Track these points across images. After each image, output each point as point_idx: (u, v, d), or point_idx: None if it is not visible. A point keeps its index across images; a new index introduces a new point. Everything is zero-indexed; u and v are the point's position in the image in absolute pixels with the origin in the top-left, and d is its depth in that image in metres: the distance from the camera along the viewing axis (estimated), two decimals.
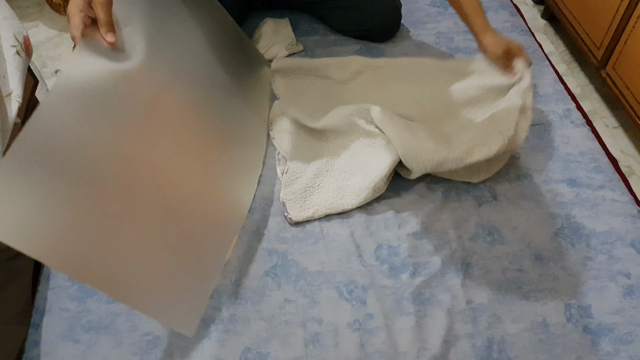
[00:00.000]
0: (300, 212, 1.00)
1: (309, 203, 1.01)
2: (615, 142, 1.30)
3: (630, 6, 1.17)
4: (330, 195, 1.02)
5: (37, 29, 1.70)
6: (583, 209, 1.01)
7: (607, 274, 0.92)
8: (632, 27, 1.17)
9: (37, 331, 0.88)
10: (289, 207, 1.01)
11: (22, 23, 1.02)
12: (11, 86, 0.91)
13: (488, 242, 0.97)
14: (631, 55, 1.19)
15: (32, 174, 0.64)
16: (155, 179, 0.81)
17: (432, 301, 0.90)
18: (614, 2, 1.22)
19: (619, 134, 1.32)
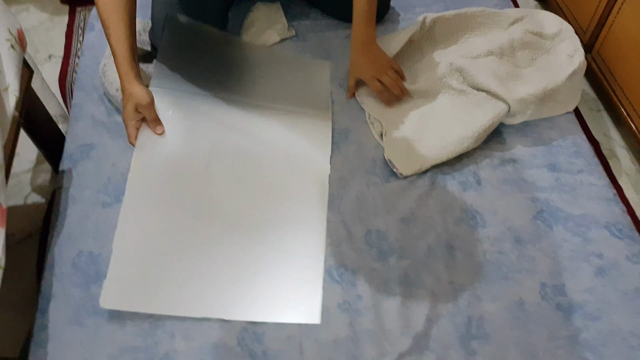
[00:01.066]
0: (409, 167, 1.07)
1: (415, 156, 1.08)
2: (598, 125, 1.34)
3: None
4: (434, 146, 1.08)
5: (27, 13, 1.71)
6: (562, 193, 1.06)
7: (581, 255, 0.98)
8: (616, 14, 1.20)
9: (44, 316, 0.93)
10: (396, 164, 1.07)
11: (12, 7, 1.04)
12: (7, 80, 0.94)
13: (471, 226, 1.02)
14: (615, 41, 1.22)
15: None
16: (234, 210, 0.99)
17: (417, 283, 0.95)
18: None
19: (602, 117, 1.36)
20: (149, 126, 1.01)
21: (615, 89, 1.24)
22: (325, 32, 1.35)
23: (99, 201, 1.07)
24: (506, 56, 1.17)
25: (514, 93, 1.09)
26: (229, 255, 0.95)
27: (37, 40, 1.63)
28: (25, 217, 1.26)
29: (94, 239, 1.02)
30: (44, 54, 1.61)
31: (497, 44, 1.18)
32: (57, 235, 1.03)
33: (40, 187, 1.32)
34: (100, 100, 1.22)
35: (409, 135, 1.10)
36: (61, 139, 1.28)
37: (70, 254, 1.00)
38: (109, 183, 1.09)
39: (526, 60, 1.18)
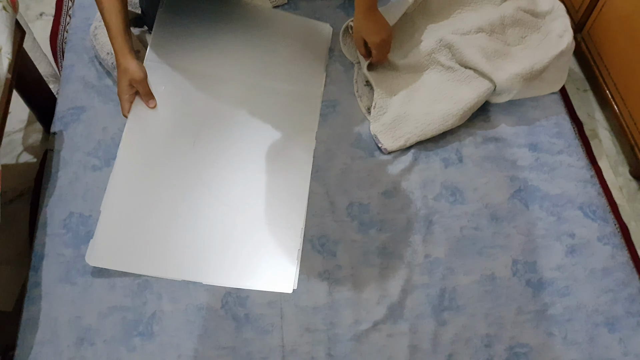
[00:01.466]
0: (393, 142, 1.09)
1: (400, 132, 1.09)
2: (583, 105, 1.36)
3: None
4: (418, 122, 1.09)
5: None
6: (540, 173, 1.09)
7: (554, 234, 1.02)
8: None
9: (37, 274, 0.97)
10: (381, 139, 1.09)
11: None
12: (0, 43, 0.94)
13: (450, 202, 1.06)
14: (605, 22, 1.22)
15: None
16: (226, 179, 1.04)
17: (395, 255, 0.99)
18: None
19: (587, 98, 1.38)
20: (142, 100, 1.05)
21: (602, 70, 1.25)
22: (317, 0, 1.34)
23: (89, 164, 1.09)
24: (496, 33, 1.18)
25: (501, 72, 1.10)
26: (211, 222, 1.00)
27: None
28: (18, 176, 1.29)
29: (84, 200, 1.05)
30: (35, 11, 1.59)
31: (488, 20, 1.18)
32: (49, 196, 1.06)
33: (31, 147, 1.34)
34: (91, 63, 1.23)
35: (395, 110, 1.12)
36: (52, 99, 1.29)
37: (61, 214, 1.03)
38: (99, 146, 1.11)
39: (516, 38, 1.19)
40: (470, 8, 1.23)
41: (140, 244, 0.97)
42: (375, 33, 1.11)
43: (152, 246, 0.97)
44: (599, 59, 1.25)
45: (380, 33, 1.10)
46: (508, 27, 1.19)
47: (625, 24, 1.17)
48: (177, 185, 1.01)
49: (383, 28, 1.11)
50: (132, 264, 0.95)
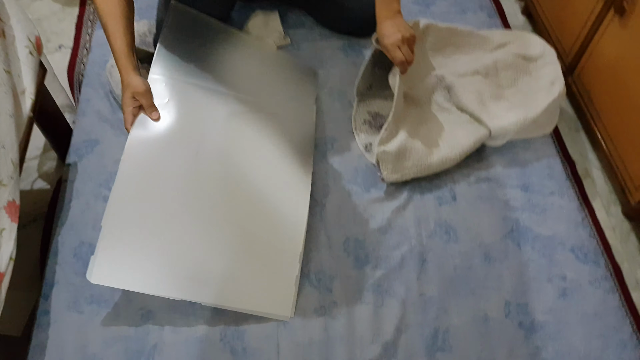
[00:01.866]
0: (391, 174, 1.12)
1: (399, 165, 1.12)
2: (576, 145, 1.40)
3: (596, 22, 1.24)
4: (419, 161, 1.12)
5: (41, 2, 1.76)
6: (532, 214, 1.12)
7: (545, 276, 1.05)
8: (597, 42, 1.24)
9: (46, 301, 1.02)
10: (382, 167, 1.12)
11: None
12: (25, 84, 1.01)
13: (444, 240, 1.09)
14: (594, 68, 1.27)
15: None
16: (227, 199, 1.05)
17: (389, 292, 1.03)
18: (583, 15, 1.29)
19: (579, 137, 1.41)
20: (146, 112, 1.05)
21: (592, 112, 1.29)
22: (319, 41, 1.40)
23: (100, 195, 1.15)
24: (490, 76, 1.23)
25: (496, 120, 1.15)
26: (212, 241, 1.00)
27: (49, 30, 1.69)
28: (32, 202, 1.34)
29: (94, 230, 1.10)
30: (55, 43, 1.66)
31: (483, 63, 1.23)
32: (61, 225, 1.11)
33: (46, 174, 1.40)
34: (106, 97, 1.29)
35: (402, 139, 1.12)
36: (67, 129, 1.36)
37: (72, 243, 1.08)
38: (110, 178, 1.17)
39: (509, 80, 1.23)
40: (464, 51, 1.28)
41: (142, 262, 0.94)
42: (389, 35, 1.09)
43: (153, 264, 0.95)
44: (589, 101, 1.30)
45: (395, 34, 1.08)
46: (501, 70, 1.24)
47: (612, 70, 1.22)
48: (179, 200, 1.01)
49: (398, 29, 1.09)
50: (134, 282, 0.93)
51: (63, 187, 1.17)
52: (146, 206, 0.98)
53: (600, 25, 1.22)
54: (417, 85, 1.23)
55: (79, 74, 1.60)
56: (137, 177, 1.00)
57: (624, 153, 1.22)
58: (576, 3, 1.31)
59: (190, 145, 1.06)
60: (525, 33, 1.28)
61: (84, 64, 1.63)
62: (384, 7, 1.12)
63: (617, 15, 1.16)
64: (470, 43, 1.27)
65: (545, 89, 1.17)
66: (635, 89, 1.15)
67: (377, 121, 1.25)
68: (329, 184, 1.16)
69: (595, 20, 1.24)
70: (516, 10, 1.71)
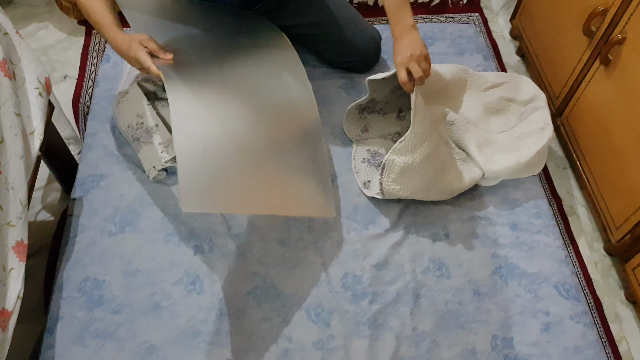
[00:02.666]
0: (392, 184, 1.13)
1: (402, 178, 1.12)
2: (563, 182, 1.47)
3: (583, 70, 1.32)
4: (420, 184, 1.14)
5: (46, 30, 1.80)
6: (520, 251, 1.18)
7: (530, 311, 1.10)
8: (584, 89, 1.32)
9: (51, 336, 1.05)
10: (385, 173, 1.13)
11: (32, 24, 1.13)
12: (34, 125, 1.05)
13: (437, 276, 1.15)
14: (581, 113, 1.34)
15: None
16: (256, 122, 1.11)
17: (385, 327, 1.08)
18: (572, 62, 1.37)
19: (567, 175, 1.48)
20: (158, 55, 1.08)
21: (578, 154, 1.36)
22: (321, 79, 1.46)
23: (105, 230, 1.19)
24: (481, 123, 1.30)
25: (490, 164, 1.20)
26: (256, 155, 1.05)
27: (54, 59, 1.73)
28: (36, 233, 1.38)
29: (99, 265, 1.14)
30: (60, 73, 1.71)
31: (474, 113, 1.29)
32: (66, 260, 1.14)
33: (50, 205, 1.43)
34: (112, 132, 1.34)
35: (417, 155, 1.12)
36: (72, 162, 1.40)
37: (77, 278, 1.12)
38: (116, 213, 1.21)
39: (499, 125, 1.30)
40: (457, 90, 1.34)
41: (219, 182, 0.97)
42: (398, 52, 1.10)
43: (229, 183, 0.98)
44: (576, 143, 1.37)
45: (403, 52, 1.09)
46: (491, 116, 1.30)
47: (597, 116, 1.29)
48: (223, 119, 1.06)
49: (410, 46, 1.09)
50: (219, 203, 0.97)
51: (68, 222, 1.20)
52: (202, 127, 1.02)
53: (587, 73, 1.30)
54: (425, 110, 1.20)
55: (84, 105, 1.64)
56: (186, 100, 1.03)
57: (605, 194, 1.29)
58: (566, 50, 1.39)
59: (214, 71, 1.11)
60: (517, 76, 1.35)
61: (90, 95, 1.67)
62: (397, 23, 1.13)
63: (602, 65, 1.24)
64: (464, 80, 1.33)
65: (536, 134, 1.24)
66: (617, 136, 1.23)
67: (376, 159, 1.31)
68: (328, 220, 1.21)
69: (583, 68, 1.32)
70: (511, 50, 1.79)
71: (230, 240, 1.18)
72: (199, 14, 1.31)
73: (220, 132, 1.03)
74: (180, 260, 1.15)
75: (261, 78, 1.20)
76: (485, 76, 1.36)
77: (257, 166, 1.03)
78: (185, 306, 1.09)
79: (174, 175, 1.26)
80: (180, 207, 0.98)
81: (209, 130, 1.01)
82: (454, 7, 1.96)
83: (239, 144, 1.03)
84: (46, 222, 1.40)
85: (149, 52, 1.06)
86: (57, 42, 1.77)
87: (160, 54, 1.08)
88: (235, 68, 1.17)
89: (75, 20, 1.82)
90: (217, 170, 0.97)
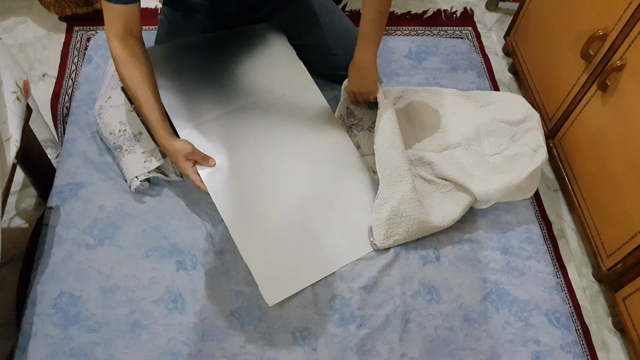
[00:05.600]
0: (384, 240, 1.15)
1: (392, 231, 1.15)
2: (553, 205, 1.46)
3: (580, 93, 1.30)
4: (411, 228, 1.15)
5: (25, 26, 1.73)
6: (511, 277, 1.17)
7: (520, 339, 1.09)
8: (579, 113, 1.31)
9: (23, 354, 1.00)
10: (375, 234, 1.15)
11: (10, 18, 1.06)
12: (10, 131, 0.99)
13: (427, 300, 1.12)
14: (575, 136, 1.33)
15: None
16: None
17: (373, 352, 1.04)
18: (567, 84, 1.35)
19: (557, 198, 1.47)
20: (203, 164, 1.12)
21: (570, 177, 1.35)
22: None
23: (83, 242, 1.13)
24: (473, 145, 1.27)
25: (480, 185, 1.18)
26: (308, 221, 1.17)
27: (33, 57, 1.65)
28: (9, 241, 1.31)
29: (75, 280, 1.08)
30: (38, 72, 1.63)
31: (465, 134, 1.27)
32: (41, 273, 1.09)
33: (24, 211, 1.36)
34: (92, 139, 1.28)
35: (394, 205, 1.14)
36: (49, 167, 1.33)
37: (52, 293, 1.06)
38: (94, 224, 1.15)
39: (492, 147, 1.28)
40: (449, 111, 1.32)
41: (287, 263, 1.11)
42: (351, 80, 1.26)
43: (296, 260, 1.12)
44: (568, 167, 1.36)
45: (355, 82, 1.25)
46: (483, 138, 1.28)
47: (592, 141, 1.28)
48: (274, 206, 1.16)
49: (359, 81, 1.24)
50: (297, 281, 1.10)
51: (44, 232, 1.14)
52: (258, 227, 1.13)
53: (584, 97, 1.28)
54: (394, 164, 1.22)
55: (63, 106, 1.58)
56: (238, 210, 1.13)
57: (597, 220, 1.28)
58: (562, 72, 1.38)
59: (254, 165, 1.19)
60: (510, 94, 1.33)
61: (69, 95, 1.60)
62: (362, 50, 1.22)
63: (599, 90, 1.23)
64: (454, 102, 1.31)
65: (528, 156, 1.22)
66: (612, 162, 1.22)
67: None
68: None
69: (579, 91, 1.30)
70: (504, 66, 1.78)
71: (214, 257, 1.13)
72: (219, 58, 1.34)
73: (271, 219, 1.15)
74: (161, 277, 1.10)
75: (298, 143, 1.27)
76: (477, 96, 1.34)
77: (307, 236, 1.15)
78: (165, 326, 1.04)
79: (156, 186, 1.21)
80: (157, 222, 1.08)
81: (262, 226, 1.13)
82: (447, 20, 1.94)
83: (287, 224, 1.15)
84: (20, 229, 1.33)
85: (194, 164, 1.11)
86: (36, 39, 1.70)
87: (204, 163, 1.12)
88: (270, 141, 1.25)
89: (56, 15, 1.74)
90: (280, 258, 1.11)
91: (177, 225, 1.17)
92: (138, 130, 1.21)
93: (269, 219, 1.15)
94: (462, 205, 1.18)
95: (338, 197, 1.21)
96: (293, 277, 1.11)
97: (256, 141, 1.22)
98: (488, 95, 1.34)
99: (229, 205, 1.11)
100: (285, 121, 1.28)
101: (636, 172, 1.14)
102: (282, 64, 1.36)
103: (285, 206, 1.17)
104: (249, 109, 1.27)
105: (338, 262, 1.14)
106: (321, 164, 1.24)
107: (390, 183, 1.16)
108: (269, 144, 1.23)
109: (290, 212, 1.17)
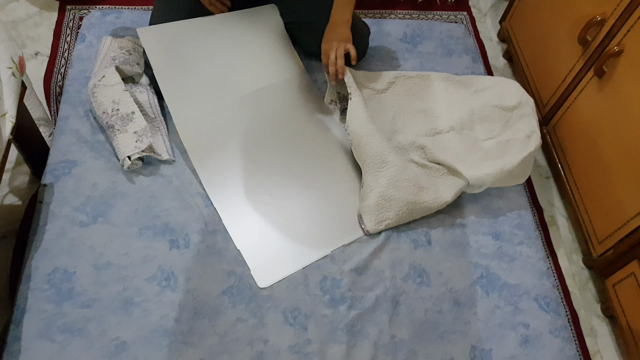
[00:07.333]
0: (375, 225, 1.16)
1: (382, 216, 1.16)
2: (544, 192, 1.46)
3: (575, 79, 1.30)
4: (401, 210, 1.15)
5: (17, 4, 1.70)
6: (501, 262, 1.18)
7: (510, 324, 1.10)
8: (574, 100, 1.31)
9: (17, 328, 1.00)
10: (365, 220, 1.16)
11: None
12: (6, 107, 0.99)
13: (417, 284, 1.13)
14: (569, 123, 1.33)
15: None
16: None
17: (362, 333, 1.06)
18: (563, 70, 1.35)
19: (549, 185, 1.48)
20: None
21: (563, 164, 1.36)
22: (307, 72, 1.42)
23: (76, 220, 1.13)
24: (466, 130, 1.27)
25: (472, 170, 1.19)
26: (301, 207, 1.20)
27: (25, 35, 1.64)
28: (2, 218, 1.31)
29: (69, 256, 1.08)
30: (31, 50, 1.62)
31: (458, 118, 1.27)
32: (35, 249, 1.09)
33: (17, 189, 1.36)
34: (86, 117, 1.27)
35: (381, 190, 1.16)
36: (42, 144, 1.33)
37: (46, 269, 1.07)
38: (87, 202, 1.15)
39: (485, 132, 1.28)
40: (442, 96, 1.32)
41: (279, 247, 1.14)
42: (325, 40, 1.29)
43: (288, 244, 1.14)
44: (562, 153, 1.36)
45: (329, 41, 1.28)
46: (477, 123, 1.28)
47: (586, 128, 1.28)
48: (267, 188, 1.20)
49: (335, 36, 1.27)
50: (288, 266, 1.11)
51: (38, 208, 1.15)
52: (249, 212, 1.17)
53: (579, 83, 1.28)
54: (392, 140, 1.27)
55: (56, 85, 1.56)
56: (228, 196, 1.18)
57: (589, 207, 1.29)
58: (557, 58, 1.37)
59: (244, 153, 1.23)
60: (505, 80, 1.33)
61: (62, 74, 1.59)
62: (337, 13, 1.28)
63: (596, 76, 1.23)
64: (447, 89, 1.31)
65: (522, 142, 1.23)
66: (606, 150, 1.22)
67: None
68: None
69: (575, 77, 1.30)
70: (498, 52, 1.77)
71: (207, 236, 1.14)
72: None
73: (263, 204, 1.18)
74: (154, 255, 1.11)
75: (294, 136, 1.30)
76: (471, 81, 1.34)
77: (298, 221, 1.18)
78: (157, 303, 1.05)
79: (149, 165, 1.21)
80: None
81: (254, 210, 1.17)
82: (441, 4, 1.93)
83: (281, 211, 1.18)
84: (14, 206, 1.33)
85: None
86: (28, 17, 1.68)
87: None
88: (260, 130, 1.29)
89: None
90: (272, 242, 1.14)
91: (169, 204, 1.17)
92: (131, 110, 1.20)
93: (260, 205, 1.17)
94: (455, 189, 1.19)
95: (330, 182, 1.23)
96: (285, 260, 1.12)
97: (247, 135, 1.24)
98: (482, 80, 1.34)
99: (220, 191, 1.14)
100: (275, 111, 1.30)
101: (629, 159, 1.14)
102: (275, 51, 1.38)
103: (277, 191, 1.19)
104: (242, 101, 1.29)
105: (330, 245, 1.15)
106: (312, 150, 1.26)
107: (374, 170, 1.17)
108: (260, 135, 1.26)
109: (282, 198, 1.19)
